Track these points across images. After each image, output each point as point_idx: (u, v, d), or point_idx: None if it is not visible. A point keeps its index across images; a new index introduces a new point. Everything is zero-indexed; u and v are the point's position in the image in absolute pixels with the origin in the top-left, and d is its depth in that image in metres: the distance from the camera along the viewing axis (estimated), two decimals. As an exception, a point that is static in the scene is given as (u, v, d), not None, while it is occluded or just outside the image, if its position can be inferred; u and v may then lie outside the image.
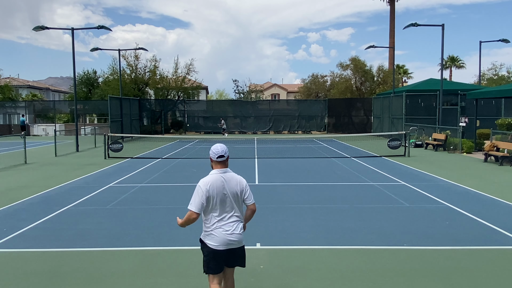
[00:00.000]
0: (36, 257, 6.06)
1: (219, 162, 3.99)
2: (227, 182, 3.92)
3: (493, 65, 47.08)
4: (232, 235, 3.88)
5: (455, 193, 10.16)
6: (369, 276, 5.22)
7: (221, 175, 3.94)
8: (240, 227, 3.95)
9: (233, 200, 3.93)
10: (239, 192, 3.95)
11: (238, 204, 3.97)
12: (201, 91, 51.59)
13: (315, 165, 15.30)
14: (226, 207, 3.91)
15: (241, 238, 3.95)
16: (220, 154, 3.97)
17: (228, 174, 3.99)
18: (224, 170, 3.99)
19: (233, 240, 3.89)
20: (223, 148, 4.01)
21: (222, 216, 3.89)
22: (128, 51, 35.31)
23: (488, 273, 5.31)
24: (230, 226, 3.90)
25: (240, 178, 4.04)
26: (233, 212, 3.93)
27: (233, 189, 3.93)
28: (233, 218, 3.93)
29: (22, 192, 10.62)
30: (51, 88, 61.42)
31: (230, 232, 3.88)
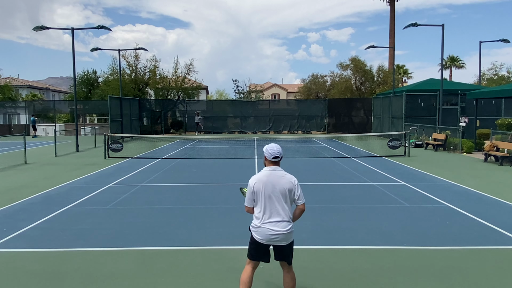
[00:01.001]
0: (36, 257, 6.06)
1: (273, 162, 4.17)
2: (276, 179, 4.06)
3: (493, 65, 47.17)
4: (276, 233, 4.01)
5: (455, 193, 10.16)
6: (369, 276, 5.22)
7: (271, 172, 4.11)
8: (284, 225, 4.03)
9: (281, 197, 4.03)
10: (288, 190, 4.05)
11: (286, 202, 4.06)
12: (201, 91, 51.60)
13: (315, 165, 15.30)
14: (272, 204, 4.03)
15: (286, 236, 4.04)
16: (275, 155, 4.15)
17: (279, 172, 4.12)
18: (274, 168, 4.14)
19: (276, 238, 4.03)
20: (279, 149, 4.19)
21: (268, 212, 4.03)
22: (128, 51, 35.36)
23: (488, 273, 5.31)
24: (274, 224, 4.02)
25: (291, 176, 4.14)
26: (279, 209, 4.04)
27: (281, 186, 4.04)
28: (278, 216, 4.03)
29: (22, 192, 10.62)
30: (51, 88, 61.44)
31: (274, 229, 4.00)
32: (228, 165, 15.52)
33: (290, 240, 4.13)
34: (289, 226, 4.08)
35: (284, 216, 4.04)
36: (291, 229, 4.09)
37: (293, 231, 4.14)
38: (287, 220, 4.07)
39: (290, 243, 4.16)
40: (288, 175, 4.15)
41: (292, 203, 4.13)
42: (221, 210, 8.61)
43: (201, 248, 6.29)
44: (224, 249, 6.25)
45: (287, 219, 4.07)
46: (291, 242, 4.16)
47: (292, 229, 4.12)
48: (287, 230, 4.05)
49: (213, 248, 6.30)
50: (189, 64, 38.52)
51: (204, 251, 6.19)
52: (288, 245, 4.14)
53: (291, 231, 4.10)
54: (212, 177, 12.67)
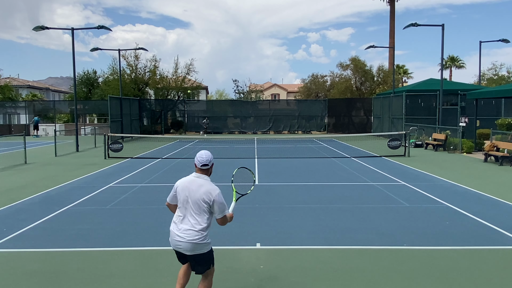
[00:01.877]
0: (36, 257, 6.06)
1: (201, 170, 4.03)
2: (195, 187, 3.92)
3: (493, 65, 47.14)
4: (179, 240, 3.90)
5: (455, 193, 10.16)
6: (369, 276, 5.22)
7: (194, 179, 4.00)
8: (191, 234, 3.85)
9: (193, 206, 3.89)
10: (202, 201, 3.88)
11: (199, 211, 3.88)
12: (201, 91, 51.60)
13: (315, 165, 15.30)
14: (186, 211, 3.93)
15: (190, 246, 3.86)
16: (204, 163, 4.01)
17: (200, 181, 3.96)
18: (199, 176, 4.01)
19: (179, 245, 3.91)
20: (208, 157, 4.02)
21: (181, 218, 3.95)
22: (128, 51, 35.37)
23: (488, 273, 5.31)
24: (181, 231, 3.90)
25: (212, 188, 3.93)
26: (189, 218, 3.91)
27: (197, 196, 3.89)
28: (187, 224, 3.90)
29: (22, 192, 10.62)
30: (51, 88, 61.43)
31: (179, 236, 3.90)
32: (228, 165, 15.52)
33: (197, 251, 3.89)
34: (197, 236, 3.84)
35: (193, 225, 3.86)
36: (199, 240, 3.86)
37: (203, 244, 3.89)
38: (197, 230, 3.85)
39: (199, 254, 3.92)
40: (209, 186, 3.93)
41: (211, 214, 3.96)
42: (221, 210, 8.60)
43: (201, 248, 6.28)
44: (224, 249, 6.24)
45: (197, 229, 3.86)
46: (200, 254, 3.92)
47: (202, 241, 3.87)
48: (191, 240, 3.85)
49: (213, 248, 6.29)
50: (189, 64, 38.57)
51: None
52: (194, 256, 3.93)
53: (199, 242, 3.86)
54: (212, 177, 12.64)
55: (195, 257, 3.94)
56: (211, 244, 4.06)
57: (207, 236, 3.95)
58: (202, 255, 3.95)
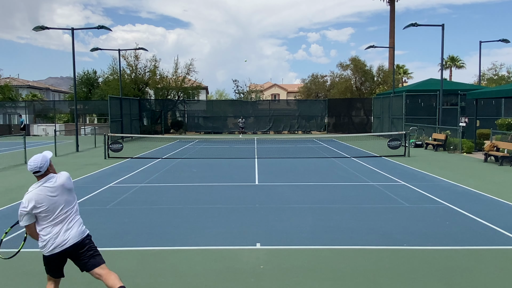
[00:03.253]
0: (36, 257, 6.05)
1: (39, 177, 3.82)
2: (54, 190, 3.84)
3: (493, 65, 47.13)
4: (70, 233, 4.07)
5: (455, 193, 10.16)
6: (369, 276, 5.22)
7: (44, 186, 3.82)
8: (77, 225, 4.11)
9: (65, 204, 3.93)
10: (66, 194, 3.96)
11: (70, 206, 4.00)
12: (201, 91, 51.59)
13: (315, 165, 15.30)
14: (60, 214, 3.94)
15: (80, 232, 4.17)
16: (35, 170, 3.76)
17: (54, 181, 3.87)
18: (48, 179, 3.84)
19: (71, 239, 4.09)
20: (36, 162, 3.75)
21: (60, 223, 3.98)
22: (128, 51, 35.33)
23: (488, 273, 5.31)
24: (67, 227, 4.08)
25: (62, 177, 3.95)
26: (68, 215, 4.03)
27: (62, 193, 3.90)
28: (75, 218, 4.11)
29: (22, 192, 10.56)
30: (51, 88, 61.43)
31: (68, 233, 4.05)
32: (228, 165, 15.52)
33: (83, 235, 4.23)
34: (78, 224, 4.22)
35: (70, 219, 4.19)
36: (82, 225, 4.26)
37: (84, 227, 4.25)
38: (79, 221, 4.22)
39: (86, 237, 4.25)
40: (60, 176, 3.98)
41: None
42: (221, 210, 8.60)
43: (201, 248, 6.29)
44: (224, 249, 6.24)
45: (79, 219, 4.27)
46: (86, 235, 4.25)
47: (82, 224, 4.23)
48: (80, 229, 4.24)
49: (213, 248, 6.30)
50: (189, 64, 38.53)
51: (204, 251, 6.19)
52: (84, 240, 4.21)
53: (82, 226, 4.25)
54: (212, 177, 12.66)
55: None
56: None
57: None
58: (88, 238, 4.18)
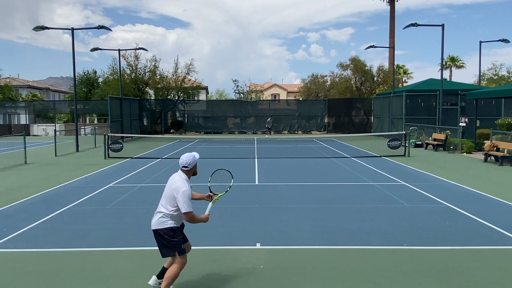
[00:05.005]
0: (36, 257, 6.06)
1: (181, 169, 4.73)
2: (170, 182, 4.69)
3: (493, 65, 47.15)
4: (153, 218, 4.66)
5: (455, 193, 10.16)
6: (369, 276, 5.22)
7: (173, 175, 4.77)
8: (157, 216, 4.61)
9: (165, 197, 4.64)
10: (171, 195, 4.58)
11: (168, 202, 4.58)
12: (201, 91, 51.60)
13: (315, 165, 15.30)
14: (162, 197, 4.70)
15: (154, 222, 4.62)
16: (183, 164, 4.70)
17: (175, 177, 4.71)
18: (179, 173, 4.74)
19: (152, 222, 4.65)
20: (188, 159, 4.69)
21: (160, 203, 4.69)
22: (128, 51, 35.35)
23: (488, 273, 5.31)
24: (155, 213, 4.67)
25: (179, 186, 4.55)
26: (160, 205, 4.66)
27: (171, 189, 4.61)
28: (159, 208, 4.66)
29: (22, 192, 10.62)
30: (51, 88, 61.42)
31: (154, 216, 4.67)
32: (228, 165, 15.51)
33: (157, 227, 4.58)
34: (158, 216, 4.61)
35: (159, 211, 4.63)
36: (159, 217, 4.59)
37: (163, 221, 4.55)
38: (159, 212, 4.63)
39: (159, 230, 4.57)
40: (179, 184, 4.57)
41: (174, 204, 4.56)
42: (221, 210, 8.60)
43: (201, 248, 6.29)
44: (224, 249, 6.25)
45: (160, 210, 4.62)
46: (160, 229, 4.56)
47: (161, 219, 4.56)
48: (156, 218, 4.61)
49: (213, 248, 6.30)
50: (189, 64, 38.55)
51: (204, 251, 6.19)
52: (158, 231, 4.58)
53: (159, 218, 4.58)
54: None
55: (158, 234, 4.59)
56: (172, 231, 4.55)
57: (168, 220, 4.55)
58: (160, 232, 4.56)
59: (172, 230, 4.55)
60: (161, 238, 4.58)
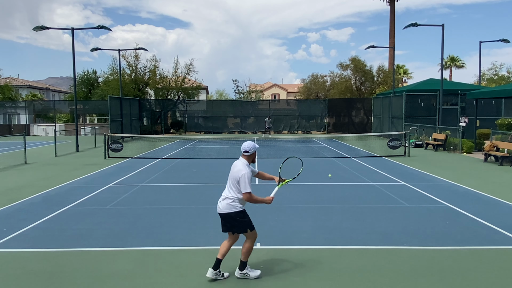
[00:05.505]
0: (36, 257, 6.06)
1: (243, 155, 5.24)
2: (233, 167, 5.18)
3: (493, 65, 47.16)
4: (220, 203, 5.15)
5: (455, 193, 10.16)
6: (369, 276, 5.22)
7: (235, 162, 5.25)
8: (223, 200, 5.11)
9: (230, 181, 5.14)
10: (233, 178, 5.08)
11: (233, 186, 5.07)
12: (201, 91, 51.60)
13: (315, 165, 15.30)
14: (227, 183, 5.18)
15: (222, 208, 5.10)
16: (244, 149, 5.23)
17: (237, 163, 5.19)
18: (240, 159, 5.23)
19: (219, 207, 5.15)
20: (249, 145, 5.22)
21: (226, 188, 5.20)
22: (128, 51, 35.33)
23: (488, 273, 5.31)
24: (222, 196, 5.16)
25: (239, 169, 5.04)
26: (226, 189, 5.17)
27: (232, 174, 5.13)
28: (224, 193, 5.15)
29: (22, 192, 10.62)
30: (51, 88, 61.42)
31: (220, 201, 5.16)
32: (228, 165, 15.50)
33: (228, 210, 5.05)
34: (224, 200, 5.09)
35: (225, 194, 5.13)
36: (226, 202, 5.07)
37: (229, 205, 5.03)
38: (226, 197, 5.10)
39: (231, 213, 5.04)
40: (239, 167, 5.06)
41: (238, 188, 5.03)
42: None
43: (201, 248, 6.29)
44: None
45: (226, 196, 5.10)
46: (231, 212, 5.03)
47: (228, 203, 5.04)
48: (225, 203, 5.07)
49: (213, 248, 6.29)
50: (189, 64, 38.54)
51: (204, 251, 6.19)
52: (229, 214, 5.06)
53: (228, 203, 5.05)
54: (212, 177, 12.67)
55: (227, 216, 5.09)
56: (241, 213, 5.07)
57: (237, 203, 5.06)
58: (229, 215, 5.07)
59: (241, 212, 5.07)
60: (231, 220, 5.08)
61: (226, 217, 5.10)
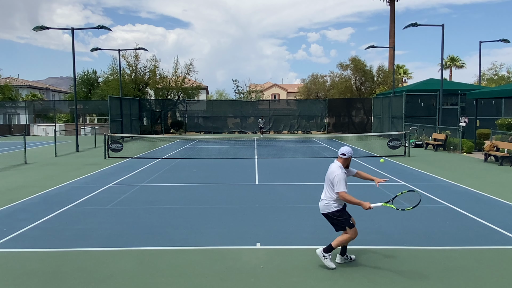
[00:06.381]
0: (36, 257, 6.06)
1: (340, 158, 5.61)
2: (329, 169, 5.62)
3: (493, 65, 47.15)
4: (320, 203, 5.64)
5: (455, 193, 10.16)
6: (369, 276, 5.22)
7: (332, 163, 5.65)
8: (320, 201, 5.61)
9: (326, 184, 5.60)
10: (330, 180, 5.51)
11: (329, 188, 5.51)
12: (201, 91, 51.61)
13: (315, 165, 15.30)
14: (325, 186, 5.64)
15: (321, 208, 5.60)
16: (343, 152, 5.61)
17: (332, 164, 5.63)
18: (335, 162, 5.64)
19: (320, 207, 5.62)
20: (347, 150, 5.62)
21: (324, 190, 5.64)
22: (128, 51, 35.34)
23: (488, 273, 5.31)
24: (321, 197, 5.63)
25: (333, 171, 5.50)
26: (323, 190, 5.65)
27: (328, 176, 5.57)
28: (322, 196, 5.60)
29: (22, 192, 10.62)
30: (51, 88, 61.43)
31: (320, 201, 5.64)
32: (228, 165, 15.53)
33: (325, 211, 5.53)
34: (321, 201, 5.60)
35: (322, 195, 5.61)
36: (322, 203, 5.56)
37: (325, 206, 5.50)
38: (322, 198, 5.59)
39: (328, 213, 5.51)
40: (333, 169, 5.51)
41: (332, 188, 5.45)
42: (221, 210, 8.61)
43: (201, 248, 6.29)
44: (224, 249, 6.25)
45: (322, 197, 5.59)
46: (328, 212, 5.50)
47: (324, 204, 5.51)
48: (322, 204, 5.57)
49: (213, 248, 6.30)
50: (189, 64, 38.55)
51: (204, 251, 6.19)
52: (326, 214, 5.53)
53: (325, 204, 5.52)
54: (212, 177, 12.67)
55: (329, 216, 5.54)
56: (338, 212, 5.43)
57: (332, 204, 5.46)
58: (330, 214, 5.51)
59: (338, 211, 5.46)
60: (330, 219, 5.54)
61: (326, 216, 5.58)
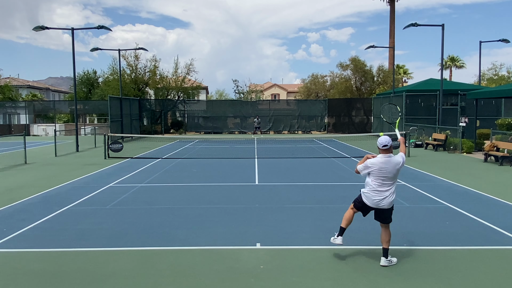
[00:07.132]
0: (36, 257, 6.06)
1: (383, 150, 5.43)
2: (387, 163, 5.40)
3: (493, 65, 47.13)
4: (379, 199, 5.46)
5: (455, 193, 10.16)
6: (369, 276, 5.22)
7: (384, 158, 5.43)
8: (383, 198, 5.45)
9: (386, 177, 5.40)
10: (397, 170, 5.44)
11: (389, 179, 5.42)
12: (201, 91, 51.60)
13: (315, 165, 15.30)
14: (385, 181, 5.43)
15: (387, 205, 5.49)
16: (384, 144, 5.42)
17: (386, 159, 5.42)
18: (388, 155, 5.43)
19: (383, 204, 5.48)
20: (386, 140, 5.43)
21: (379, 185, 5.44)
22: (128, 51, 35.35)
23: (488, 273, 5.31)
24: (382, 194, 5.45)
25: (397, 161, 5.43)
26: (381, 187, 5.44)
27: (390, 169, 5.40)
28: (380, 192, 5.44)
29: (22, 192, 10.62)
30: (51, 88, 61.44)
31: (378, 197, 5.46)
32: (228, 165, 15.52)
33: (388, 206, 5.50)
34: (390, 198, 5.49)
35: (384, 193, 5.45)
36: (389, 200, 5.48)
37: (392, 201, 5.50)
38: (385, 196, 5.46)
39: (391, 208, 5.54)
40: (394, 161, 5.41)
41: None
42: (221, 210, 8.61)
43: (201, 248, 6.29)
44: (224, 249, 6.25)
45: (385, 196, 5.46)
46: (392, 207, 5.53)
47: (392, 200, 5.49)
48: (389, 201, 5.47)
49: (213, 248, 6.30)
50: (189, 64, 38.56)
51: (204, 251, 6.19)
52: (388, 209, 5.52)
53: (390, 201, 5.48)
54: (212, 177, 12.67)
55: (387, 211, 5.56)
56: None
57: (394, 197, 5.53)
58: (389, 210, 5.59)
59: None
60: (387, 213, 5.56)
61: (382, 212, 5.54)
